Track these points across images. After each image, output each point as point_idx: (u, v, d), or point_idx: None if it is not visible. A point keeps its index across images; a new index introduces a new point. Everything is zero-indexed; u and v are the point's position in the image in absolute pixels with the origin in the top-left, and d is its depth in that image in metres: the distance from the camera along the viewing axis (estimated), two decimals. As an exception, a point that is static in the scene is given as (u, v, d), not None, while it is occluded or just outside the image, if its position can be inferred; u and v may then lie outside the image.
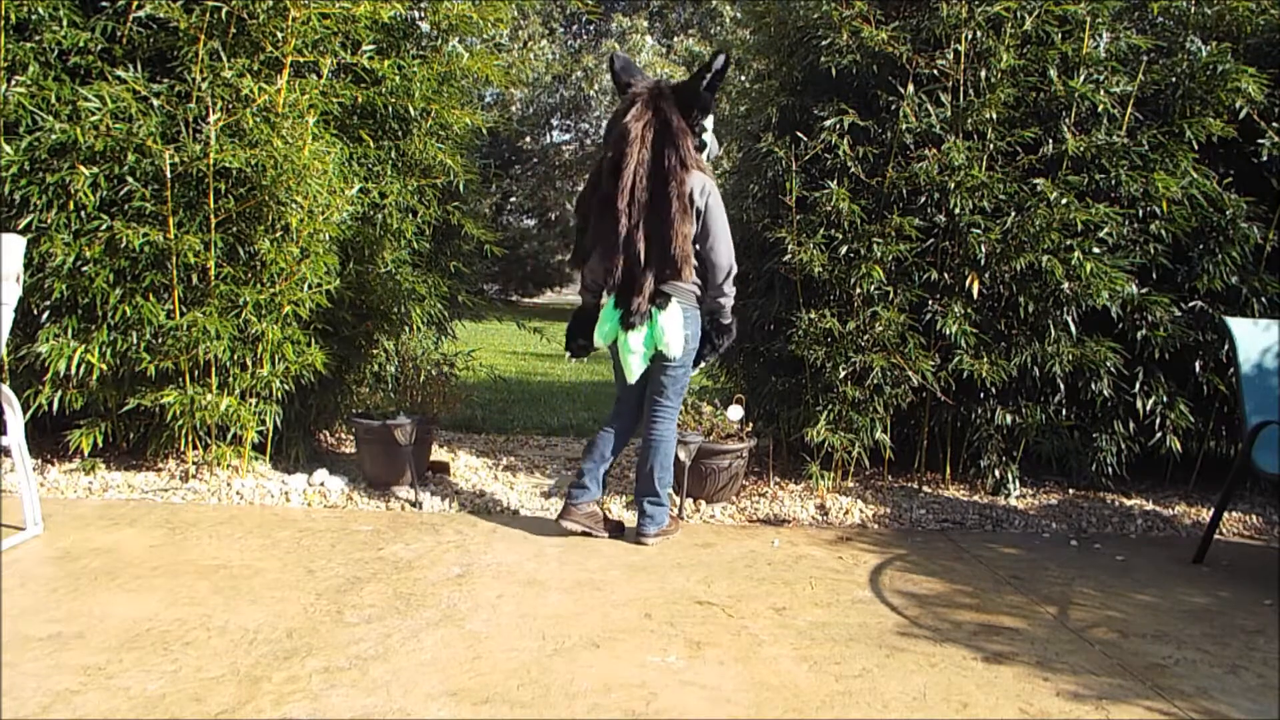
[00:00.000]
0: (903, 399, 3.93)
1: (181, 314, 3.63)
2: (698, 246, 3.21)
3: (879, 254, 3.81)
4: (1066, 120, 3.94)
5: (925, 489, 4.18)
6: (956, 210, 3.84)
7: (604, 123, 17.34)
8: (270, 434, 4.07)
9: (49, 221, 3.49)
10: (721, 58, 3.19)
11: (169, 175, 3.52)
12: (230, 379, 3.76)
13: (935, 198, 3.91)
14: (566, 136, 18.52)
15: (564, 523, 3.36)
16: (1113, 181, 3.88)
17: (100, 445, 3.78)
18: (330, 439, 4.68)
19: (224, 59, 3.59)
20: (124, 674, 2.20)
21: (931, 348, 3.93)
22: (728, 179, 4.92)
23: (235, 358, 3.71)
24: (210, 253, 3.62)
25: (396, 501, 3.79)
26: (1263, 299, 3.95)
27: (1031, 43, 3.98)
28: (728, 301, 3.31)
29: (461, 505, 3.80)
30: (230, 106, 3.61)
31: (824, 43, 3.90)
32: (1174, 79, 4.00)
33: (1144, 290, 3.93)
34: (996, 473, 4.10)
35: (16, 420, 3.08)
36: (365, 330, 4.04)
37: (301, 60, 3.80)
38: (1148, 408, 3.98)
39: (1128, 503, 4.12)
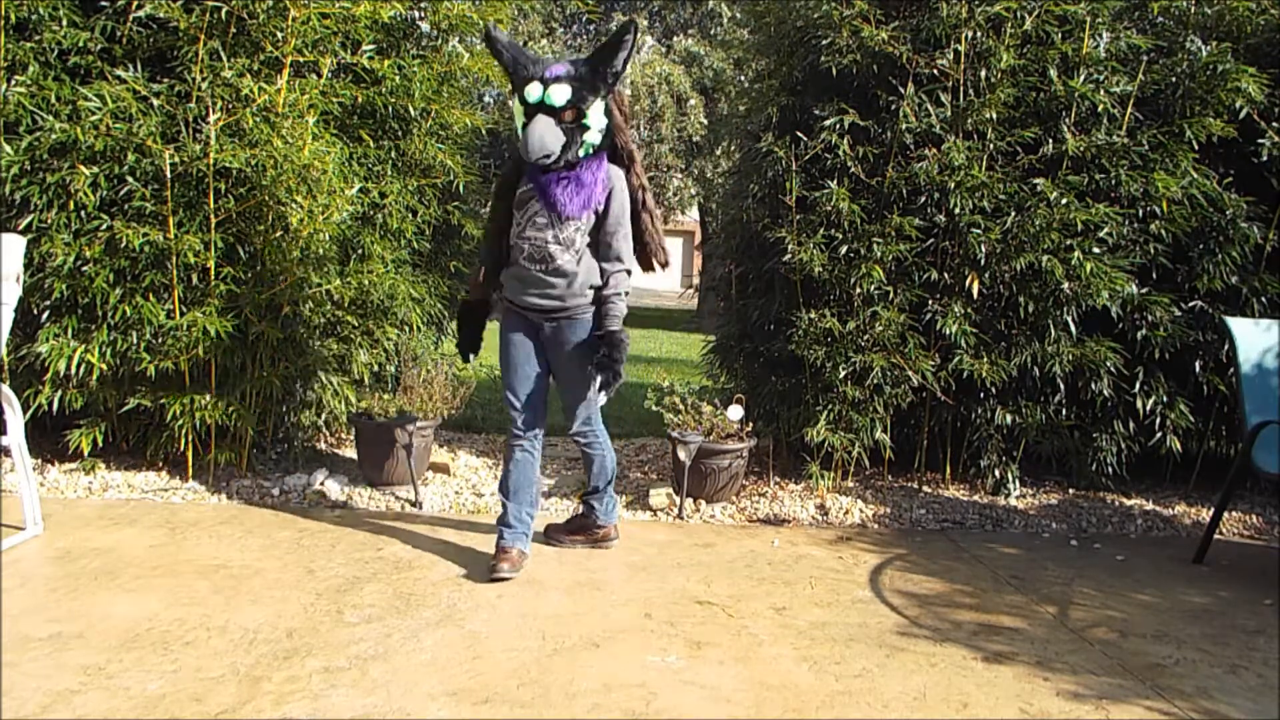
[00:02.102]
0: (903, 399, 3.93)
1: (181, 314, 3.63)
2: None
3: (879, 254, 3.81)
4: (1066, 120, 3.94)
5: (925, 489, 4.18)
6: (956, 210, 3.84)
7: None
8: (270, 434, 4.07)
9: (49, 221, 3.49)
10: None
11: (169, 175, 3.52)
12: (230, 379, 3.76)
13: (935, 198, 3.91)
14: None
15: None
16: (1113, 181, 3.88)
17: (100, 445, 3.78)
18: (330, 439, 4.68)
19: (224, 59, 3.59)
20: (124, 674, 2.20)
21: (931, 348, 3.93)
22: (728, 179, 4.91)
23: (234, 358, 3.71)
24: (210, 253, 3.62)
25: (396, 501, 3.79)
26: (1263, 299, 3.95)
27: (1031, 43, 3.98)
28: None
29: (461, 505, 3.80)
30: (230, 106, 3.61)
31: (824, 42, 3.90)
32: (1174, 79, 3.99)
33: (1144, 290, 3.93)
34: (996, 473, 4.10)
35: (16, 420, 3.08)
36: (365, 330, 4.04)
37: (301, 60, 3.80)
38: (1148, 408, 3.98)
39: (1128, 503, 4.12)
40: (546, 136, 2.73)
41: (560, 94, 2.74)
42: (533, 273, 2.91)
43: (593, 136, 2.82)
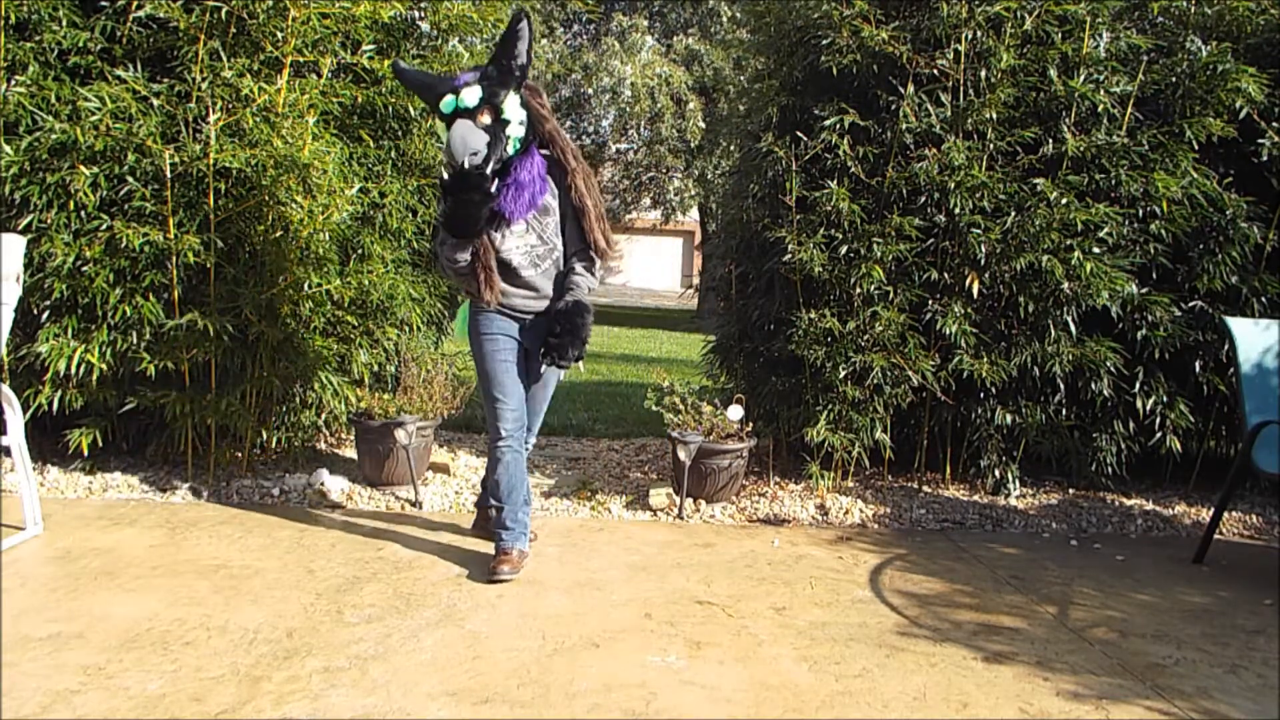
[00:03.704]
0: (903, 399, 3.93)
1: (181, 314, 3.63)
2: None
3: (879, 254, 3.81)
4: (1066, 120, 3.94)
5: (925, 489, 4.18)
6: (956, 210, 3.84)
7: (604, 122, 17.37)
8: (270, 433, 4.07)
9: (49, 221, 3.49)
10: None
11: (169, 175, 3.52)
12: (230, 379, 3.76)
13: (935, 198, 3.91)
14: (566, 135, 18.49)
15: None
16: (1113, 181, 3.88)
17: (100, 445, 3.78)
18: (330, 439, 4.68)
19: (224, 59, 3.59)
20: (124, 674, 2.20)
21: (931, 347, 3.93)
22: (728, 179, 4.90)
23: (234, 358, 3.71)
24: (210, 253, 3.62)
25: (396, 501, 3.79)
26: (1263, 299, 3.95)
27: (1031, 43, 3.98)
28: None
29: (461, 505, 3.80)
30: (230, 106, 3.61)
31: (824, 42, 3.90)
32: (1174, 79, 3.99)
33: (1144, 290, 3.93)
34: (996, 473, 4.10)
35: (16, 420, 3.08)
36: (365, 330, 4.04)
37: (301, 60, 3.80)
38: (1148, 408, 3.98)
39: (1128, 503, 4.12)
40: (469, 136, 2.70)
41: (471, 95, 2.74)
42: (521, 276, 2.95)
43: (515, 130, 2.81)
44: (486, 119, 2.74)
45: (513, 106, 2.79)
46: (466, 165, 2.70)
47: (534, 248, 2.94)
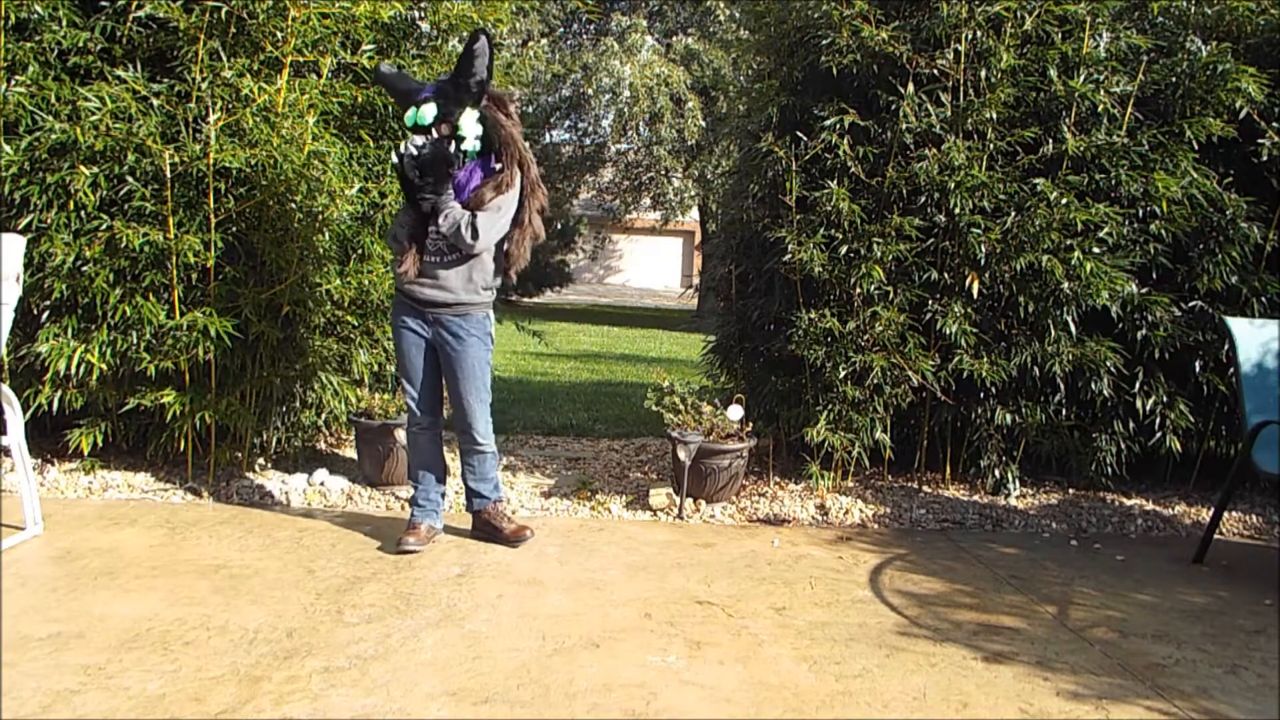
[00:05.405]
0: (903, 399, 3.93)
1: (181, 314, 3.63)
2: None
3: (879, 254, 3.81)
4: (1066, 120, 3.94)
5: (925, 489, 4.18)
6: (956, 210, 3.84)
7: (604, 122, 17.37)
8: (270, 433, 4.07)
9: (49, 221, 3.49)
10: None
11: (169, 175, 3.52)
12: (230, 379, 3.76)
13: (935, 197, 3.91)
14: (566, 136, 18.53)
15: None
16: (1113, 181, 3.88)
17: (100, 445, 3.77)
18: (330, 439, 4.68)
19: (224, 59, 3.59)
20: (124, 674, 2.20)
21: (931, 347, 3.93)
22: (728, 179, 4.90)
23: (234, 358, 3.71)
24: (210, 253, 3.62)
25: (396, 501, 3.79)
26: (1263, 299, 3.94)
27: (1031, 43, 3.98)
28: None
29: (461, 505, 3.79)
30: (230, 106, 3.61)
31: (824, 42, 3.90)
32: (1174, 79, 3.99)
33: (1144, 290, 3.93)
34: (996, 472, 4.10)
35: (16, 420, 3.08)
36: (365, 330, 4.04)
37: (301, 60, 3.80)
38: (1147, 408, 3.98)
39: (1128, 503, 4.12)
40: (407, 147, 2.95)
41: (427, 113, 2.96)
42: (426, 262, 3.11)
43: (470, 144, 3.01)
44: (444, 131, 2.95)
45: (469, 122, 2.98)
46: (407, 174, 2.96)
47: (441, 239, 3.07)
